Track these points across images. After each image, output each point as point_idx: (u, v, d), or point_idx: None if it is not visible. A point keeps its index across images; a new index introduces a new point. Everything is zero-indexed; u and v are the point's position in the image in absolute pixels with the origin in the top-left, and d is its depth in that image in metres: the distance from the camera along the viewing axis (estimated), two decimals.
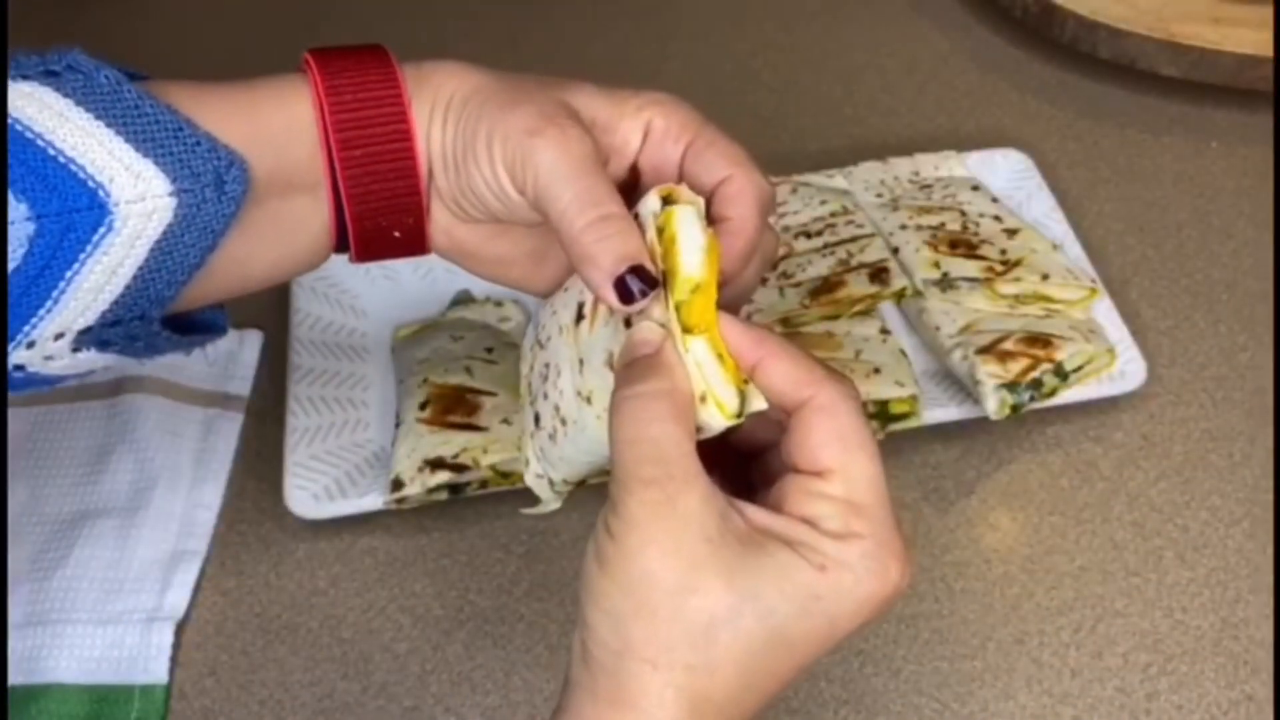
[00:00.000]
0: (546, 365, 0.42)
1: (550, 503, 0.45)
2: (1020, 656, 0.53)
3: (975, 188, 0.69)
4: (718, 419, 0.35)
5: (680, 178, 0.41)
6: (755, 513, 0.34)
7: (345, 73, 0.40)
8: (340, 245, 0.43)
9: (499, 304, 0.65)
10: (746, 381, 0.35)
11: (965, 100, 0.80)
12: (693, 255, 0.36)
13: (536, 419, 0.42)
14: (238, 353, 0.64)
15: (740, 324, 0.36)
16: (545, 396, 0.41)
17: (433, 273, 0.67)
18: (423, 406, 0.58)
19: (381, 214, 0.41)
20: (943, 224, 0.66)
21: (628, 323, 0.37)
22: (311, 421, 0.59)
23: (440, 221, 0.43)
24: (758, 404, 0.35)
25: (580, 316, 0.40)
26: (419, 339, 0.63)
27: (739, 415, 0.35)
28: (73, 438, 0.60)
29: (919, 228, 0.66)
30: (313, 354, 0.62)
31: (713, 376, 0.35)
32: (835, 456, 0.34)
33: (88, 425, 0.60)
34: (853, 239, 0.65)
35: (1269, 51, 0.74)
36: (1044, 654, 0.53)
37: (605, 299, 0.37)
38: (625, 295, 0.36)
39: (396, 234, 0.42)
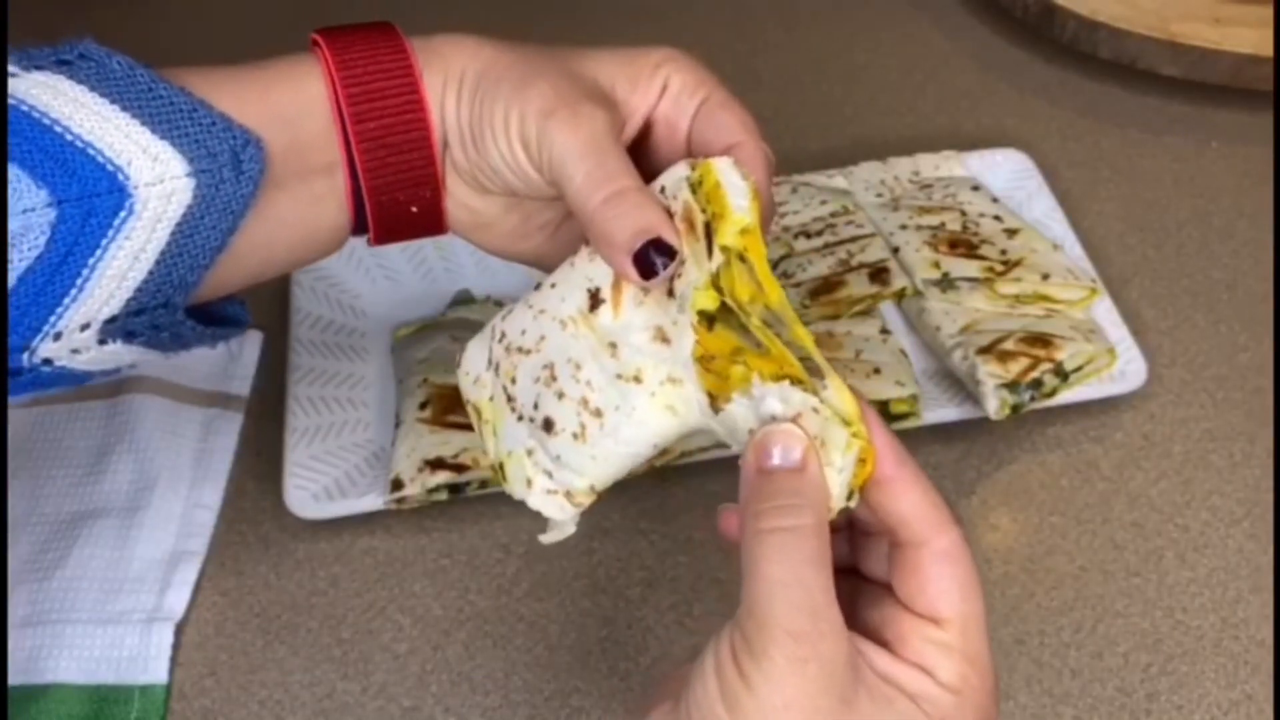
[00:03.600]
0: (546, 367, 0.40)
1: (568, 524, 0.42)
2: (1020, 656, 0.53)
3: (975, 188, 0.69)
4: None
5: (691, 133, 0.41)
6: (877, 658, 0.34)
7: (354, 47, 0.40)
8: (359, 227, 0.42)
9: (499, 304, 0.65)
10: (861, 486, 0.34)
11: (965, 100, 0.80)
12: (740, 199, 0.36)
13: (547, 425, 0.40)
14: (238, 353, 0.64)
15: (890, 434, 0.34)
16: (561, 397, 0.39)
17: (433, 273, 0.67)
18: (423, 406, 0.58)
19: (398, 188, 0.41)
20: (943, 224, 0.66)
21: (670, 292, 0.37)
22: (311, 421, 0.59)
23: (457, 195, 0.42)
24: (852, 502, 0.34)
25: (596, 303, 0.39)
26: (419, 339, 0.63)
27: (835, 515, 0.34)
28: (73, 438, 0.60)
29: (919, 228, 0.66)
30: (313, 354, 0.62)
31: (842, 484, 0.34)
32: (954, 607, 0.34)
33: (88, 425, 0.60)
34: (853, 239, 0.65)
35: (1269, 51, 0.74)
36: (1044, 654, 0.53)
37: (627, 275, 0.37)
38: (646, 269, 0.36)
39: (414, 209, 0.42)
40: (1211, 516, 0.58)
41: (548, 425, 0.39)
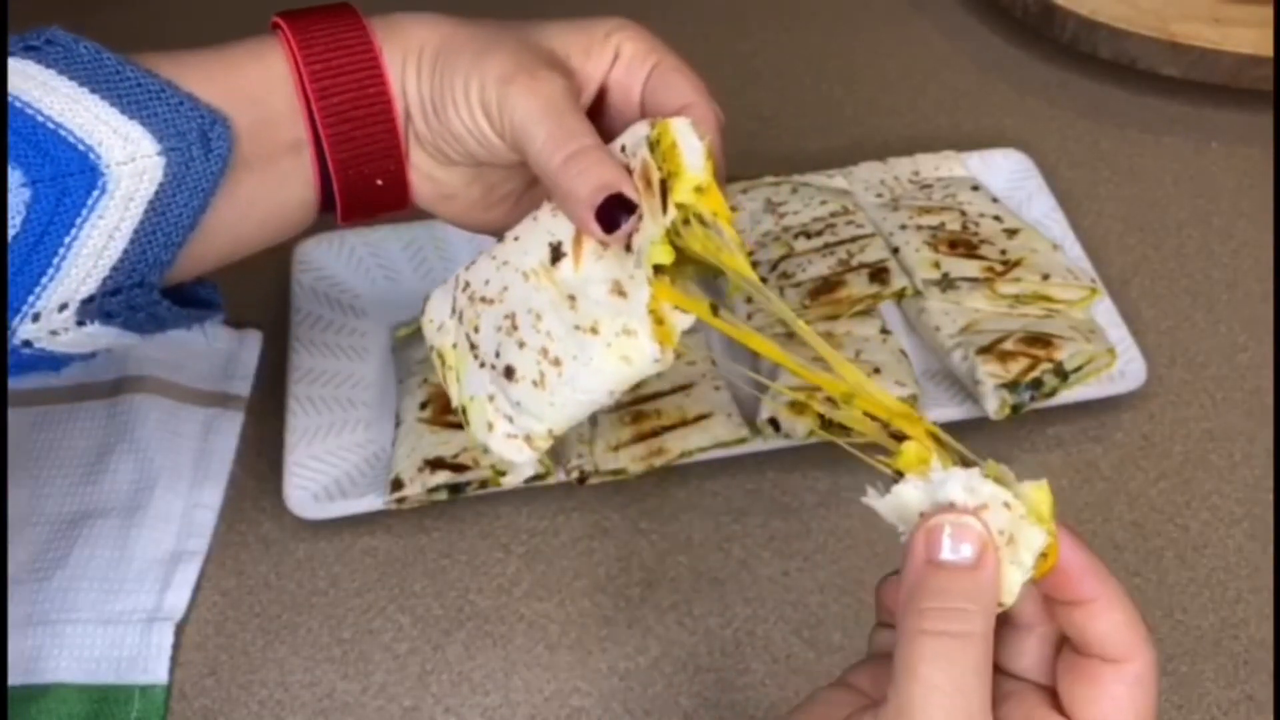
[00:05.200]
0: (508, 317, 0.41)
1: (527, 466, 0.43)
2: None
3: (975, 188, 0.69)
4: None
5: (644, 97, 0.43)
6: None
7: (315, 26, 0.42)
8: (326, 205, 0.44)
9: None
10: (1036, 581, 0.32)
11: (965, 100, 0.80)
12: (694, 158, 0.37)
13: (508, 372, 0.41)
14: (238, 352, 0.64)
15: (1085, 549, 0.32)
16: (522, 346, 0.41)
17: (433, 273, 0.67)
18: (423, 406, 0.58)
19: (363, 160, 0.42)
20: (943, 224, 0.66)
21: (628, 247, 0.38)
22: (311, 421, 0.59)
23: (421, 167, 0.44)
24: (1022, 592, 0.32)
25: (557, 257, 0.41)
26: (419, 339, 0.63)
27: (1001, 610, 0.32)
28: (73, 438, 0.60)
29: (919, 228, 0.66)
30: (313, 354, 0.62)
31: (1021, 583, 0.31)
32: None
33: (88, 425, 0.60)
34: (853, 239, 0.65)
35: (1269, 51, 0.74)
36: None
37: (588, 230, 0.38)
38: (609, 223, 0.38)
39: (379, 182, 0.43)
40: (1211, 516, 0.58)
41: (509, 373, 0.41)
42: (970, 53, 0.84)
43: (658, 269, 0.38)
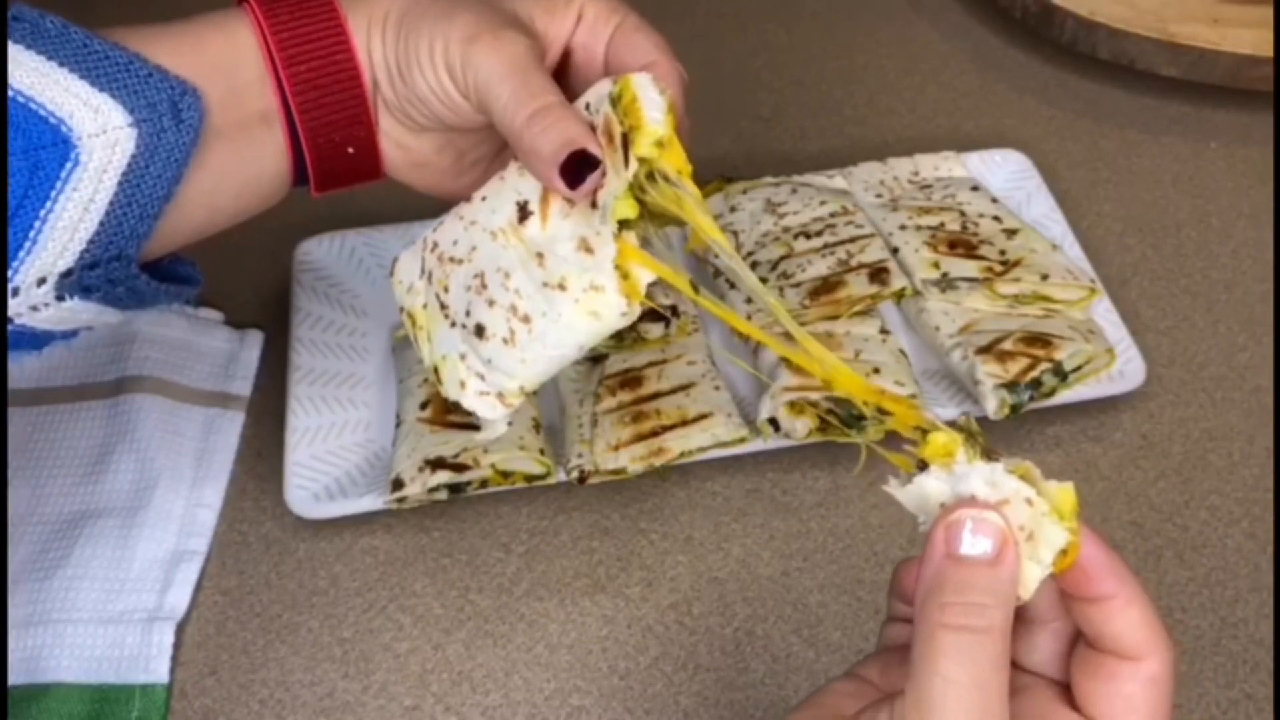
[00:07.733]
0: (477, 276, 0.42)
1: (500, 423, 0.44)
2: None
3: (975, 188, 0.69)
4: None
5: (607, 56, 0.43)
6: None
7: None
8: (300, 178, 0.44)
9: None
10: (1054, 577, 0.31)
11: (965, 100, 0.80)
12: (655, 112, 0.38)
13: (479, 331, 0.42)
14: (238, 352, 0.64)
15: (1106, 547, 0.32)
16: (491, 304, 0.41)
17: None
18: (423, 406, 0.58)
19: (334, 128, 0.43)
20: (942, 224, 0.66)
21: (594, 204, 0.39)
22: (312, 421, 0.59)
23: (391, 134, 0.44)
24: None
25: (525, 216, 0.41)
26: None
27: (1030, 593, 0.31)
28: (73, 437, 0.60)
29: (919, 228, 0.66)
30: (313, 354, 0.62)
31: (1040, 580, 0.31)
32: None
33: (88, 425, 0.60)
34: (852, 239, 0.65)
35: (1269, 51, 0.74)
36: None
37: (554, 187, 0.39)
38: (573, 180, 0.38)
39: (350, 149, 0.43)
40: (1210, 516, 0.58)
41: (479, 331, 0.42)
42: (970, 53, 0.84)
43: (623, 224, 0.38)
